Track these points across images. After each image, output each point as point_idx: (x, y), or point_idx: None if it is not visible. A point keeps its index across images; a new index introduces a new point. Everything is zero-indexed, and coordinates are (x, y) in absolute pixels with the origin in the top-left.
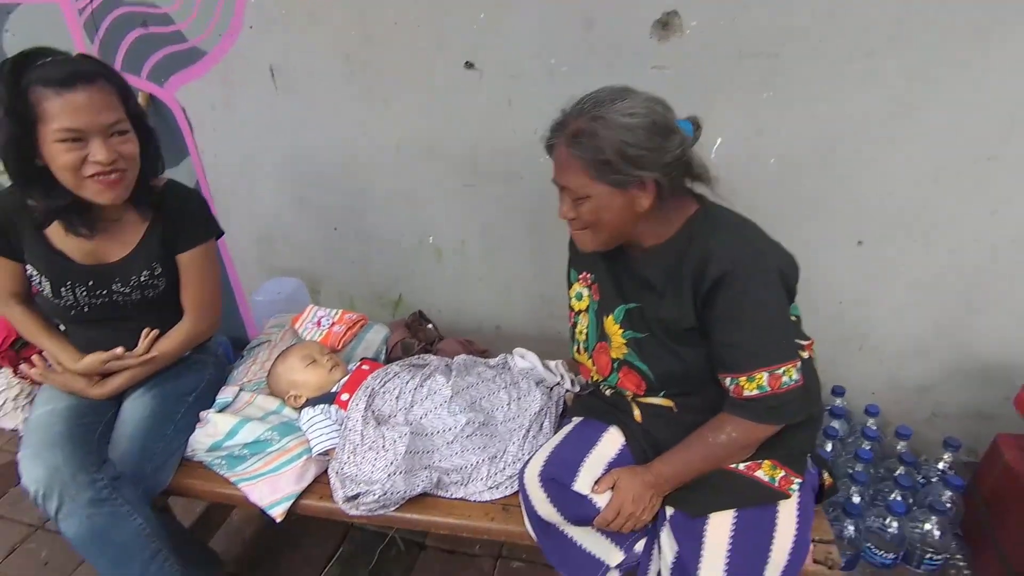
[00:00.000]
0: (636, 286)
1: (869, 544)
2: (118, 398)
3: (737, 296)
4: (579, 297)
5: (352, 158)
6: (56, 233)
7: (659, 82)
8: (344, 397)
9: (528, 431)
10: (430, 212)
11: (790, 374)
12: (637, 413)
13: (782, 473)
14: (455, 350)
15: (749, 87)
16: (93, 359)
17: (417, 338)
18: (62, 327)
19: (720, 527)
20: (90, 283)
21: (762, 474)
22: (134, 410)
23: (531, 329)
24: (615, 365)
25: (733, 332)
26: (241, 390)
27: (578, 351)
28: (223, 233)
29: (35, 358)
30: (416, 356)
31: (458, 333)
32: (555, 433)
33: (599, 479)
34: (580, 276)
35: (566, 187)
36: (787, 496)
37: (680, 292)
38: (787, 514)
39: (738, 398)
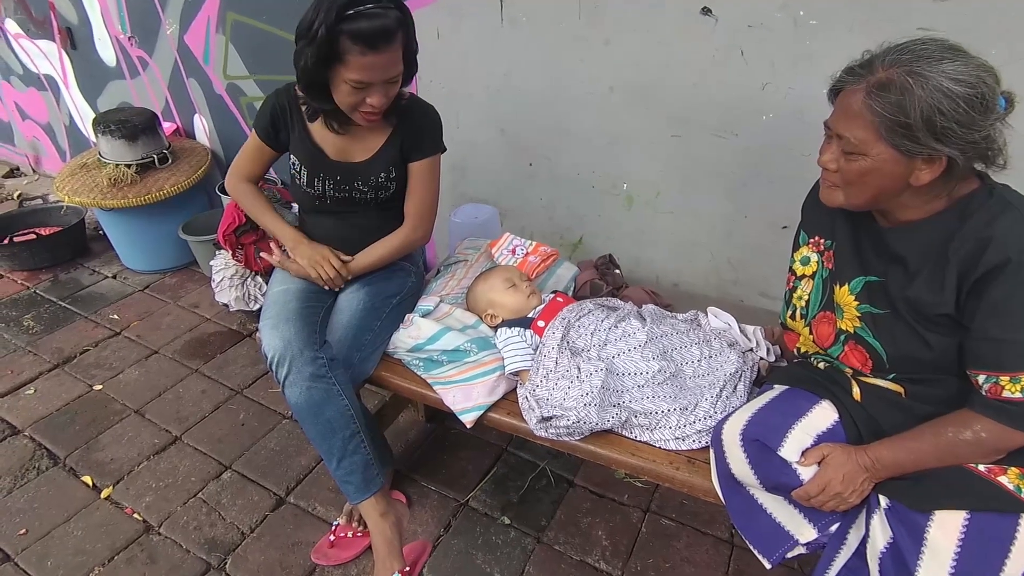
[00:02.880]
0: (883, 259)
1: None
2: (335, 290)
3: (1017, 288)
4: (805, 262)
5: (561, 96)
6: (318, 131)
7: None
8: (540, 324)
9: (722, 390)
10: (630, 158)
11: None
12: (857, 391)
13: None
14: (641, 298)
15: None
16: (313, 254)
17: (605, 281)
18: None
19: (948, 527)
20: (338, 178)
21: (1006, 480)
22: (349, 302)
23: (711, 292)
24: (841, 337)
25: (1003, 327)
26: (441, 301)
27: (792, 317)
28: (446, 149)
29: (273, 245)
30: (604, 298)
31: (635, 283)
32: (748, 399)
33: (807, 450)
34: (811, 240)
35: (842, 136)
36: None
37: (941, 274)
38: None
39: (993, 398)
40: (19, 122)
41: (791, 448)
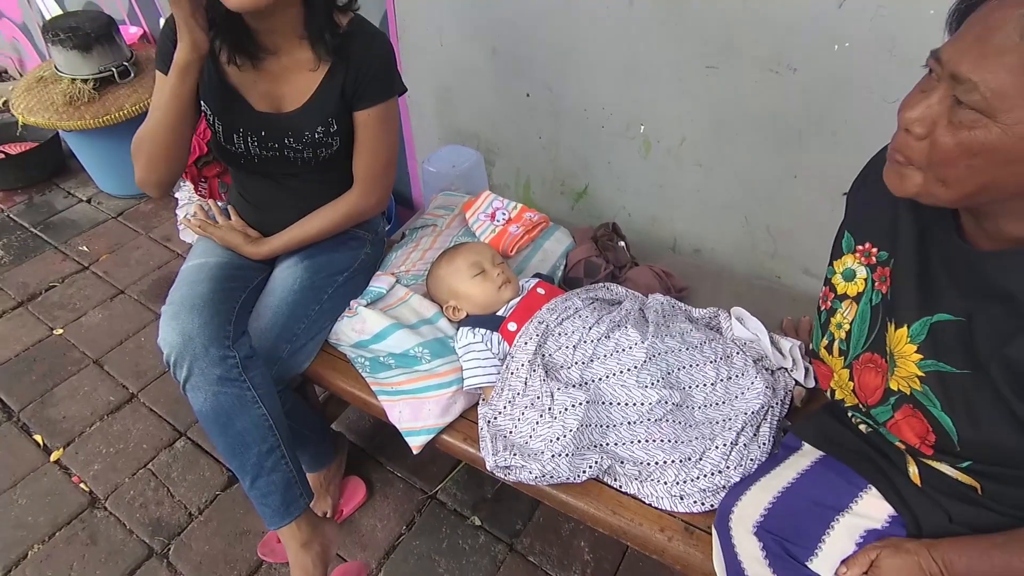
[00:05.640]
0: (970, 292)
1: None
2: (270, 264)
3: None
4: (849, 276)
5: (567, 8)
6: (235, 70)
7: None
8: (511, 327)
9: (739, 435)
10: (651, 93)
11: None
12: (914, 472)
13: None
14: (649, 283)
15: None
16: None
17: (605, 258)
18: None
19: None
20: (262, 133)
21: None
22: (284, 280)
23: (739, 264)
24: (891, 400)
25: None
26: (397, 281)
27: (828, 349)
28: (406, 90)
29: (197, 209)
30: (602, 284)
31: (647, 246)
32: (773, 444)
33: (850, 558)
34: (860, 247)
35: (963, 81)
36: None
37: None
38: None
39: None
40: None
41: (827, 559)
